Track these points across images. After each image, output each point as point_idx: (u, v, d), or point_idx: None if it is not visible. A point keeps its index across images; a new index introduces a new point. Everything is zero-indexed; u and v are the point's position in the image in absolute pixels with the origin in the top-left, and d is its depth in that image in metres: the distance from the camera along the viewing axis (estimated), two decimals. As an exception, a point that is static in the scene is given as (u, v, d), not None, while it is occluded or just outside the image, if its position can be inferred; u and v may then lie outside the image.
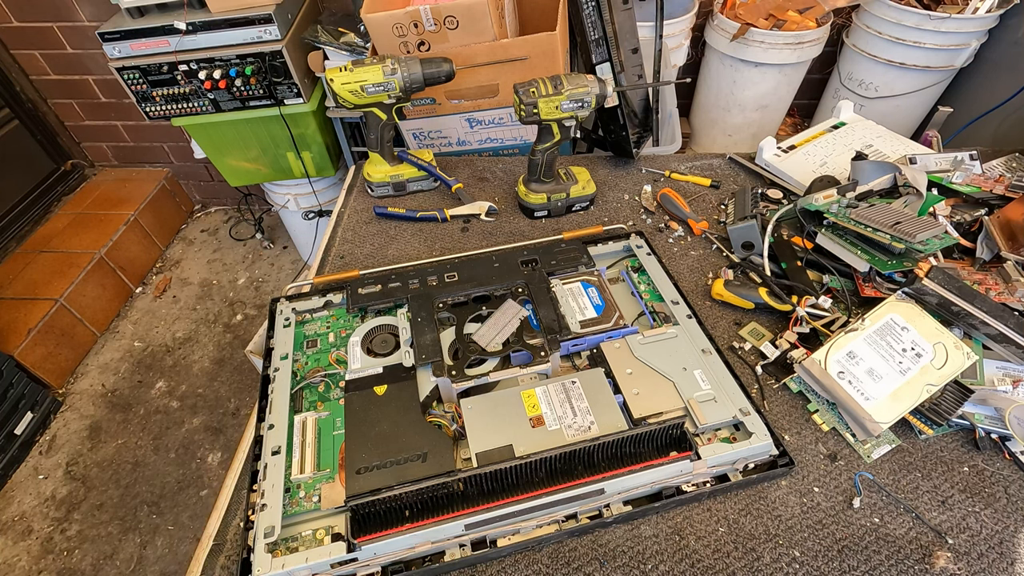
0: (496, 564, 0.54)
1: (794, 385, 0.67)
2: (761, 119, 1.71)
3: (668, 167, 1.04)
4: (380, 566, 0.52)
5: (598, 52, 0.97)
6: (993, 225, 0.76)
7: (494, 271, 0.76)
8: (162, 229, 2.27)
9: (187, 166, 2.29)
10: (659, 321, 0.74)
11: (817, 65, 1.69)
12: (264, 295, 2.09)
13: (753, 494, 0.58)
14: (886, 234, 0.70)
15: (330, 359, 0.70)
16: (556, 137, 0.86)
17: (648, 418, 0.60)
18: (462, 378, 0.63)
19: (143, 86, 1.37)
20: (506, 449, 0.56)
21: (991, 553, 0.53)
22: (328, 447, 0.60)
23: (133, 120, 2.09)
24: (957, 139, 1.55)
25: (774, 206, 0.89)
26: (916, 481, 0.59)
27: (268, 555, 0.50)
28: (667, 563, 0.54)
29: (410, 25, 1.01)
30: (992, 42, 1.50)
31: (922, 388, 0.60)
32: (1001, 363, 0.65)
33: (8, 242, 1.95)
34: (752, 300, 0.75)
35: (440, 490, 0.53)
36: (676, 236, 0.90)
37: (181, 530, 1.40)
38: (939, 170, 0.87)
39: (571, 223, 0.94)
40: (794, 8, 1.53)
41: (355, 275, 0.82)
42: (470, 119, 1.18)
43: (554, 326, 0.68)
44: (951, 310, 0.64)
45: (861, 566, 0.53)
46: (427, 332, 0.67)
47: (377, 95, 0.91)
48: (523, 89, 0.82)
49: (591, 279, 0.76)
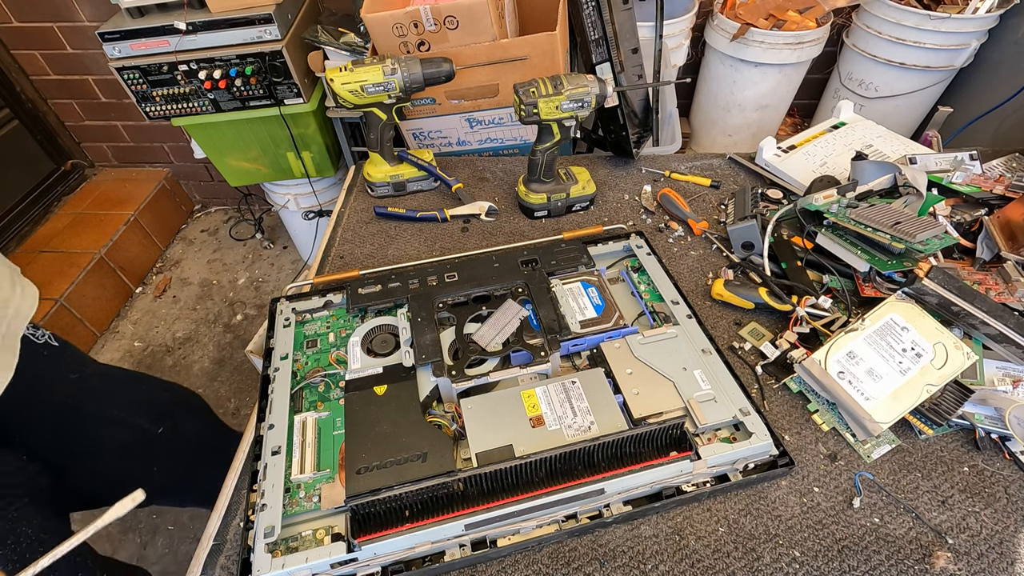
0: (496, 564, 0.54)
1: (794, 385, 0.67)
2: (761, 119, 1.71)
3: (668, 167, 1.04)
4: (380, 566, 0.52)
5: (598, 52, 0.97)
6: (993, 225, 0.76)
7: (494, 271, 0.76)
8: (162, 229, 2.27)
9: (187, 166, 2.29)
10: (659, 321, 0.74)
11: (817, 65, 1.69)
12: (264, 295, 2.09)
13: (753, 494, 0.58)
14: (886, 234, 0.70)
15: (330, 359, 0.70)
16: (556, 137, 0.87)
17: (648, 418, 0.60)
18: (462, 378, 0.63)
19: (143, 86, 1.37)
20: (506, 449, 0.56)
21: (991, 553, 0.53)
22: (328, 447, 0.60)
23: (133, 120, 2.09)
24: (957, 139, 1.55)
25: (774, 206, 0.89)
26: (916, 481, 0.59)
27: (268, 555, 0.50)
28: (667, 563, 0.54)
29: (410, 25, 1.01)
30: (992, 42, 1.50)
31: (922, 388, 0.60)
32: (1001, 363, 0.65)
33: (8, 242, 1.95)
34: (752, 300, 0.75)
35: (440, 490, 0.53)
36: (676, 236, 0.90)
37: (181, 530, 1.40)
38: (939, 170, 0.87)
39: (571, 223, 0.94)
40: (794, 8, 1.53)
41: (355, 275, 0.82)
42: (470, 119, 1.18)
43: (554, 326, 0.68)
44: (951, 310, 0.64)
45: (861, 566, 0.53)
46: (427, 332, 0.67)
47: (377, 95, 0.91)
48: (523, 89, 0.82)
49: (591, 279, 0.76)
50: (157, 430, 0.89)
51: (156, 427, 0.89)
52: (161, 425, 0.90)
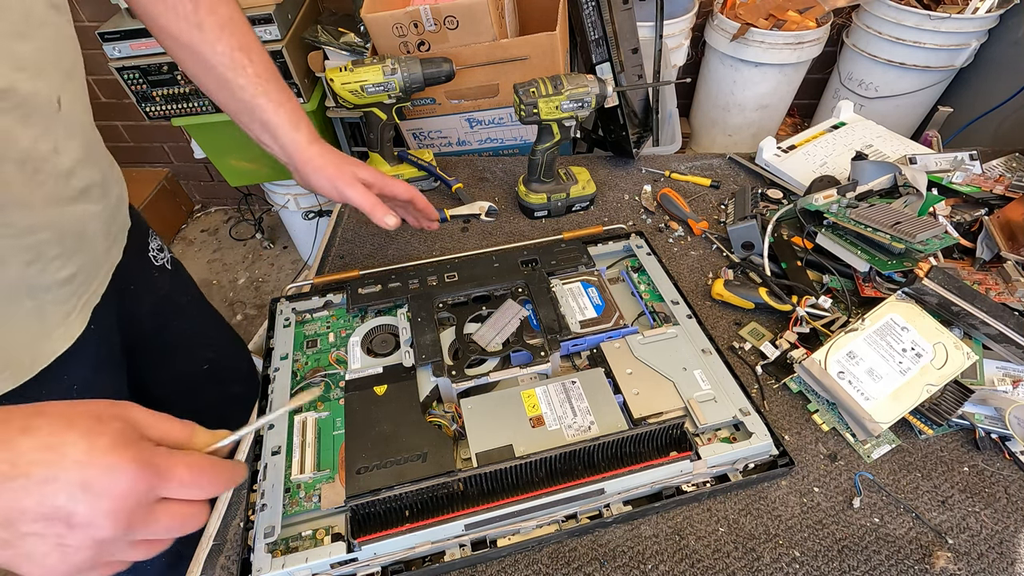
0: (496, 564, 0.54)
1: (794, 385, 0.67)
2: (761, 119, 1.72)
3: (668, 167, 1.04)
4: (380, 566, 0.52)
5: (598, 52, 0.97)
6: (993, 225, 0.76)
7: (494, 271, 0.76)
8: (162, 229, 2.27)
9: (187, 166, 2.29)
10: (659, 321, 0.74)
11: (817, 65, 1.69)
12: (264, 295, 2.09)
13: (753, 494, 0.58)
14: (886, 234, 0.70)
15: (330, 359, 0.70)
16: (556, 137, 0.87)
17: (648, 418, 0.60)
18: (462, 378, 0.63)
19: (143, 86, 1.37)
20: (506, 449, 0.56)
21: (991, 553, 0.53)
22: (328, 447, 0.60)
23: (133, 120, 2.09)
24: (957, 139, 1.56)
25: (774, 206, 0.89)
26: (916, 481, 0.59)
27: (268, 555, 0.50)
28: (667, 563, 0.54)
29: (410, 25, 1.01)
30: (992, 42, 1.51)
31: (922, 388, 0.60)
32: (1001, 363, 0.65)
33: (8, 242, 1.95)
34: (752, 300, 0.75)
35: (440, 490, 0.53)
36: (676, 236, 0.90)
37: (181, 530, 1.40)
38: (939, 170, 0.87)
39: (571, 223, 0.94)
40: (794, 8, 1.53)
41: (355, 275, 0.82)
42: (470, 119, 1.18)
43: (554, 326, 0.68)
44: (951, 310, 0.64)
45: (861, 566, 0.53)
46: (427, 332, 0.67)
47: (377, 95, 0.91)
48: (523, 89, 0.82)
49: (591, 279, 0.76)
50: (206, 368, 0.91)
51: (212, 366, 0.92)
52: (212, 365, 0.92)
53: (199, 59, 0.62)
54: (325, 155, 0.69)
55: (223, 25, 0.62)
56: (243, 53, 0.63)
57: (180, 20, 0.60)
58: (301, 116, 0.68)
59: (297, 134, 0.68)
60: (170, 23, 0.60)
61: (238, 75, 0.63)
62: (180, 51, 0.63)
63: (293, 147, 0.68)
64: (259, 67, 0.64)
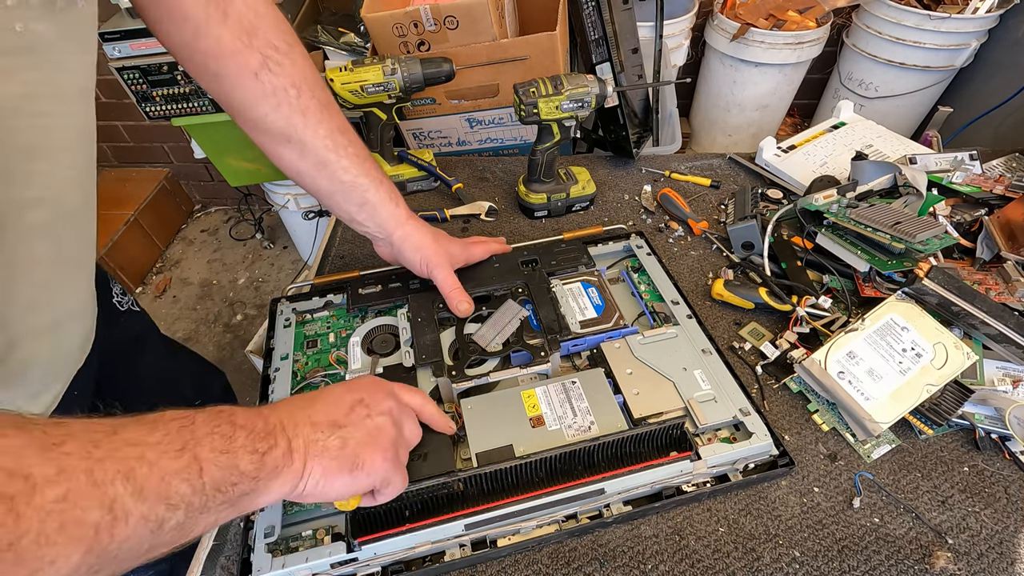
0: (496, 564, 0.54)
1: (794, 385, 0.67)
2: (761, 119, 1.72)
3: (668, 167, 1.04)
4: (380, 566, 0.52)
5: (598, 52, 0.97)
6: (993, 225, 0.76)
7: (494, 271, 0.76)
8: (162, 229, 2.27)
9: (187, 166, 2.29)
10: (659, 321, 0.74)
11: (817, 65, 1.69)
12: (264, 295, 2.09)
13: (753, 494, 0.58)
14: (886, 234, 0.70)
15: (330, 359, 0.70)
16: (556, 137, 0.87)
17: (648, 418, 0.60)
18: (462, 378, 0.63)
19: (143, 86, 1.37)
20: (506, 449, 0.56)
21: (991, 553, 0.54)
22: (328, 447, 0.60)
23: (133, 120, 2.09)
24: (957, 139, 1.56)
25: (774, 206, 0.89)
26: (916, 481, 0.59)
27: (268, 555, 0.50)
28: (667, 563, 0.54)
29: (410, 25, 1.01)
30: (992, 42, 1.51)
31: (922, 388, 0.60)
32: (1001, 363, 0.65)
33: (8, 242, 1.95)
34: (752, 300, 0.75)
35: (440, 490, 0.53)
36: (676, 236, 0.90)
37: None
38: (939, 170, 0.87)
39: (571, 223, 0.94)
40: (794, 8, 1.53)
41: (355, 275, 0.82)
42: (470, 119, 1.18)
43: (554, 326, 0.68)
44: (951, 310, 0.64)
45: (861, 566, 0.53)
46: (427, 332, 0.67)
47: (377, 95, 0.91)
48: (523, 89, 0.82)
49: (591, 279, 0.76)
50: (195, 402, 0.91)
51: (195, 399, 0.91)
52: (200, 398, 0.92)
53: (298, 146, 0.61)
54: (422, 231, 0.70)
55: (323, 107, 0.61)
56: (342, 135, 0.63)
57: (284, 107, 0.59)
58: (396, 191, 0.69)
59: (397, 209, 0.68)
60: (278, 119, 0.59)
61: (341, 156, 0.62)
62: (277, 146, 0.62)
63: (393, 223, 0.68)
64: (357, 147, 0.64)
